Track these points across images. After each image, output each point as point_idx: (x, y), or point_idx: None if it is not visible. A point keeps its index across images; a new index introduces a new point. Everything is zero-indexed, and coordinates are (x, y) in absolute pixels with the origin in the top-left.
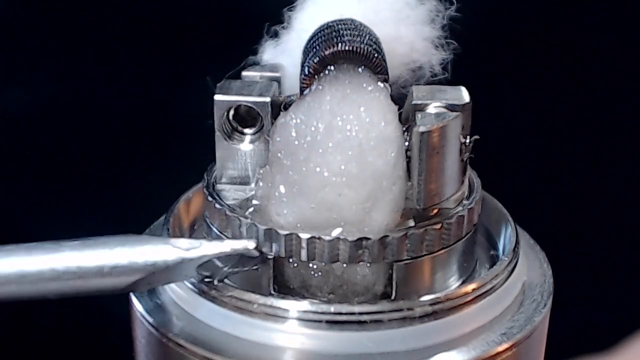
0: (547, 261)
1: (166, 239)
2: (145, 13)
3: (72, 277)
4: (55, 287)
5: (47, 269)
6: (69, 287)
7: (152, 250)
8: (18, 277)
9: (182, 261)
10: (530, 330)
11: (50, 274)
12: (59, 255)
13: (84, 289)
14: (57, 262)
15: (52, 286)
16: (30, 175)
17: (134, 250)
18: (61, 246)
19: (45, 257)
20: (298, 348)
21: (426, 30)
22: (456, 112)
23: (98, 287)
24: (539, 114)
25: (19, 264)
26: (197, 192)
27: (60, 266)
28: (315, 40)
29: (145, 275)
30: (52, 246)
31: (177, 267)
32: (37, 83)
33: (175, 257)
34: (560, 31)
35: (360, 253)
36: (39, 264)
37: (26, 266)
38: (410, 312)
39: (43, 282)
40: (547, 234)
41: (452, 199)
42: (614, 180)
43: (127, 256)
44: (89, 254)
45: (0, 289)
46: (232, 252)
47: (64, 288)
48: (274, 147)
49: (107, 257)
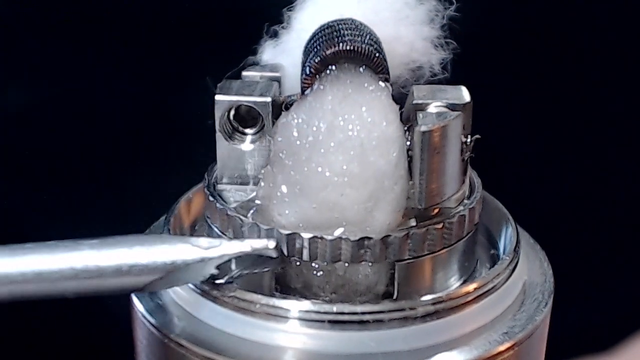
0: (548, 260)
1: (186, 237)
2: (145, 13)
3: (91, 276)
4: (74, 286)
5: (66, 268)
6: (87, 285)
7: (171, 249)
8: (36, 276)
9: (202, 260)
10: (531, 329)
11: (69, 273)
12: (77, 254)
13: (102, 288)
14: (75, 261)
15: (70, 285)
16: (30, 175)
17: (154, 249)
18: (80, 245)
19: (63, 255)
20: (300, 348)
21: (426, 30)
22: (457, 111)
23: (117, 286)
24: (539, 113)
25: (38, 263)
26: (197, 192)
27: (79, 265)
28: (316, 40)
29: (164, 274)
30: (71, 245)
31: (196, 267)
32: (37, 83)
33: (195, 257)
34: (560, 31)
35: (362, 253)
36: (58, 263)
37: (45, 265)
38: (412, 312)
39: (62, 280)
40: (547, 234)
41: (453, 199)
42: (614, 180)
43: (146, 255)
44: (108, 253)
45: (19, 288)
46: (252, 251)
47: (82, 287)
48: (276, 147)
49: (126, 256)
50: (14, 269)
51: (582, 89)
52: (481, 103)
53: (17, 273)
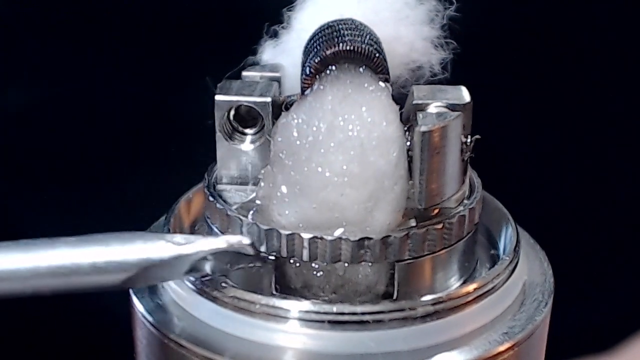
0: (548, 260)
1: (161, 234)
2: (145, 13)
3: (67, 273)
4: (51, 284)
5: (43, 266)
6: (64, 283)
7: (146, 246)
8: (12, 274)
9: (178, 257)
10: (531, 329)
11: (45, 271)
12: (53, 251)
13: (80, 285)
14: (51, 258)
15: (47, 282)
16: (30, 175)
17: (129, 246)
18: (56, 242)
19: (40, 253)
20: (300, 348)
21: (426, 30)
22: (457, 111)
23: (94, 284)
24: (539, 113)
25: (14, 261)
26: (197, 192)
27: (54, 263)
28: (316, 40)
29: (139, 270)
30: (47, 242)
31: (173, 263)
32: (37, 83)
33: (170, 253)
34: (560, 31)
35: (362, 253)
36: (34, 261)
37: (21, 263)
38: (412, 312)
39: (38, 278)
40: (547, 234)
41: (453, 199)
42: (614, 180)
43: (121, 252)
44: (84, 250)
45: None
46: (227, 247)
47: (59, 284)
48: (276, 147)
49: (102, 253)
50: None
51: (582, 89)
52: (481, 103)
53: None
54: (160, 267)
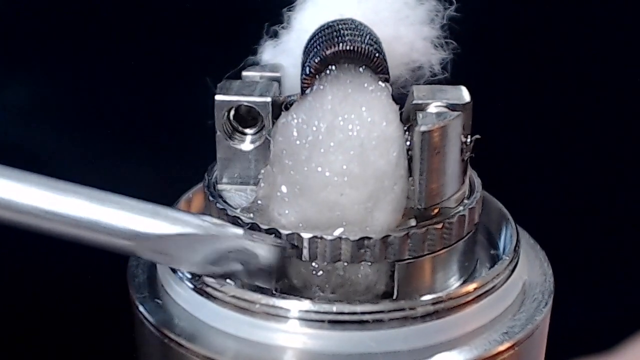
0: (548, 260)
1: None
2: (145, 13)
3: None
4: (66, 230)
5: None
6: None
7: (188, 218)
8: (32, 209)
9: (216, 236)
10: (531, 329)
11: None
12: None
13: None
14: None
15: (64, 228)
16: None
17: (156, 212)
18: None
19: (65, 196)
20: (300, 348)
21: (426, 30)
22: (457, 111)
23: (109, 242)
24: (539, 113)
25: (36, 197)
26: (197, 192)
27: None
28: (316, 40)
29: (178, 239)
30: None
31: (209, 241)
32: (37, 83)
33: (211, 231)
34: (560, 31)
35: (362, 252)
36: (55, 202)
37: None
38: (412, 312)
39: (56, 222)
40: (547, 234)
41: (453, 199)
42: (614, 180)
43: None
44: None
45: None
46: (272, 242)
47: (76, 232)
48: (276, 147)
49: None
50: None
51: (582, 89)
52: (481, 103)
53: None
54: (200, 241)
